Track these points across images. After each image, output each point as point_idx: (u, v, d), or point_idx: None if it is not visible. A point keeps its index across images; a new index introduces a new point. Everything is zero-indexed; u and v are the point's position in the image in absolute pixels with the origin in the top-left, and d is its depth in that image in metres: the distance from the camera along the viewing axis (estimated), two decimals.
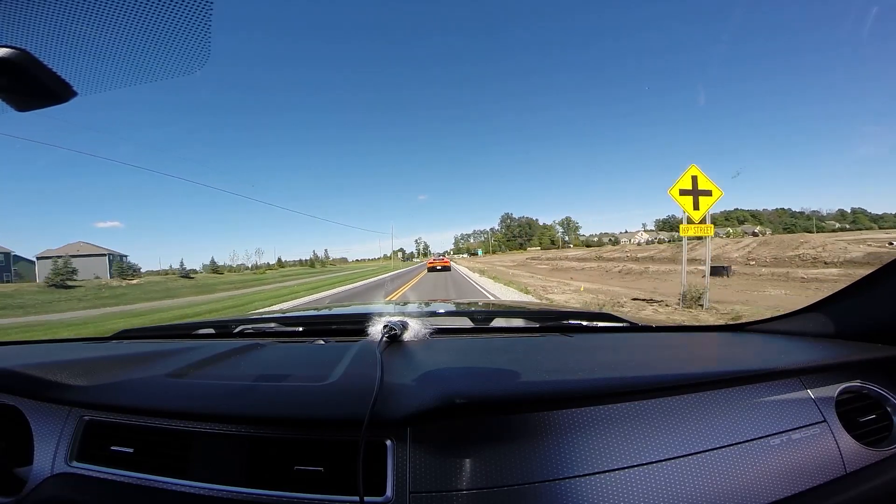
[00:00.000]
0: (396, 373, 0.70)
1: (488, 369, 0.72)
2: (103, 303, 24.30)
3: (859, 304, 0.83)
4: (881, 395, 0.76)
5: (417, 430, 0.61)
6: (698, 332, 1.09)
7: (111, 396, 0.73)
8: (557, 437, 0.60)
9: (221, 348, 0.91)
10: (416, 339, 0.92)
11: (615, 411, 0.63)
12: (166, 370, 0.79)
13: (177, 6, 0.60)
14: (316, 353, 0.93)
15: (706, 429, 0.64)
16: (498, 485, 0.56)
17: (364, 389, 0.62)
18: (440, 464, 0.58)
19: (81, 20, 0.60)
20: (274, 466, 0.62)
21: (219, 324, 1.34)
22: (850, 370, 0.77)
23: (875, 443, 0.71)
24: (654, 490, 0.57)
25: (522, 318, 1.44)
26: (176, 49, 0.65)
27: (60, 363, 0.80)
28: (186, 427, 0.68)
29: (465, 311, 1.58)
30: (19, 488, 0.72)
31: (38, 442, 0.75)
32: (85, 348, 1.09)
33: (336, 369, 0.72)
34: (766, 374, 0.71)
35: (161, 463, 0.67)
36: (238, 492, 0.61)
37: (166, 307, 17.81)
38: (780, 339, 0.93)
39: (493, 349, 0.91)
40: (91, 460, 0.71)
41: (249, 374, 0.77)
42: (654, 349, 0.89)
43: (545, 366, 0.73)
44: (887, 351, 0.77)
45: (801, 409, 0.70)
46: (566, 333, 1.05)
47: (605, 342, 0.99)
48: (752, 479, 0.60)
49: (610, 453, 0.59)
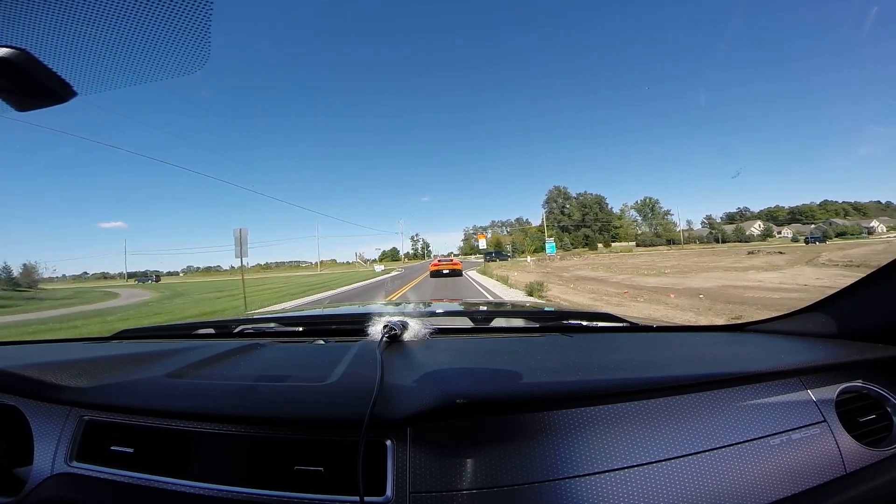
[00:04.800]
0: (396, 373, 0.70)
1: (488, 369, 0.72)
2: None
3: (859, 303, 0.83)
4: (881, 396, 0.76)
5: (418, 431, 0.61)
6: (698, 332, 1.09)
7: (111, 396, 0.73)
8: (557, 437, 0.60)
9: (221, 348, 0.91)
10: (416, 339, 0.92)
11: (615, 411, 0.63)
12: (166, 370, 0.79)
13: (177, 6, 0.60)
14: (316, 353, 0.93)
15: (706, 429, 0.64)
16: (498, 485, 0.56)
17: (364, 389, 0.62)
18: (440, 464, 0.58)
19: (81, 20, 0.60)
20: (274, 466, 0.62)
21: (219, 324, 1.34)
22: (850, 370, 0.77)
23: (875, 443, 0.71)
24: (654, 490, 0.57)
25: (522, 318, 1.44)
26: (176, 49, 0.65)
27: (60, 363, 0.80)
28: (186, 427, 0.68)
29: (465, 311, 1.58)
30: (19, 488, 0.72)
31: (38, 442, 0.75)
32: (85, 348, 1.09)
33: (336, 369, 0.72)
34: (766, 374, 0.71)
35: (161, 463, 0.67)
36: (238, 492, 0.61)
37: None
38: (780, 339, 0.93)
39: (494, 349, 0.91)
40: (91, 460, 0.71)
41: (249, 375, 0.77)
42: (654, 349, 0.89)
43: (545, 366, 0.73)
44: (887, 351, 0.77)
45: (801, 409, 0.70)
46: (566, 333, 1.05)
47: (606, 342, 0.98)
48: (752, 479, 0.60)
49: (610, 453, 0.59)
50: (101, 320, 11.15)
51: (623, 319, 1.18)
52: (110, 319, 11.42)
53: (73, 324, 10.27)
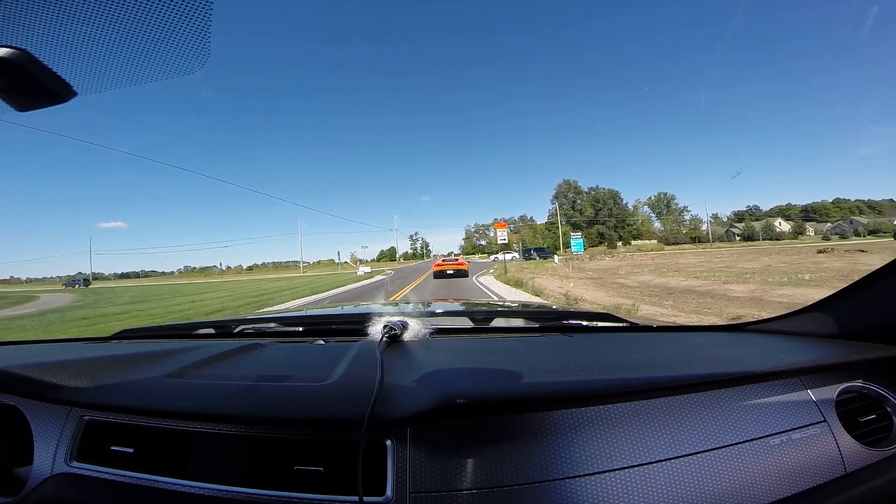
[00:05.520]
0: (396, 373, 0.70)
1: (488, 369, 0.72)
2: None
3: (859, 303, 0.83)
4: (881, 396, 0.76)
5: (417, 431, 0.61)
6: (698, 332, 1.09)
7: (111, 396, 0.73)
8: (557, 437, 0.60)
9: (221, 348, 0.91)
10: (416, 339, 0.92)
11: (615, 411, 0.63)
12: (166, 370, 0.79)
13: (177, 6, 0.60)
14: (316, 354, 0.93)
15: (706, 429, 0.64)
16: (498, 485, 0.56)
17: (364, 389, 0.62)
18: (440, 464, 0.58)
19: (81, 20, 0.60)
20: (274, 466, 0.62)
21: (219, 324, 1.34)
22: (850, 370, 0.77)
23: (875, 443, 0.71)
24: (654, 490, 0.57)
25: (522, 319, 1.44)
26: (176, 49, 0.65)
27: (60, 363, 0.80)
28: (186, 427, 0.68)
29: (465, 311, 1.58)
30: (19, 488, 0.72)
31: (38, 442, 0.75)
32: (85, 348, 1.09)
33: (336, 369, 0.72)
34: (766, 374, 0.71)
35: (161, 463, 0.67)
36: (238, 492, 0.61)
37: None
38: (780, 339, 0.93)
39: (494, 349, 0.91)
40: (91, 460, 0.71)
41: (249, 375, 0.77)
42: (654, 349, 0.89)
43: (545, 366, 0.73)
44: (887, 351, 0.77)
45: (802, 409, 0.70)
46: (566, 333, 1.05)
47: (606, 342, 0.98)
48: (752, 479, 0.60)
49: (610, 453, 0.59)
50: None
51: (623, 319, 1.18)
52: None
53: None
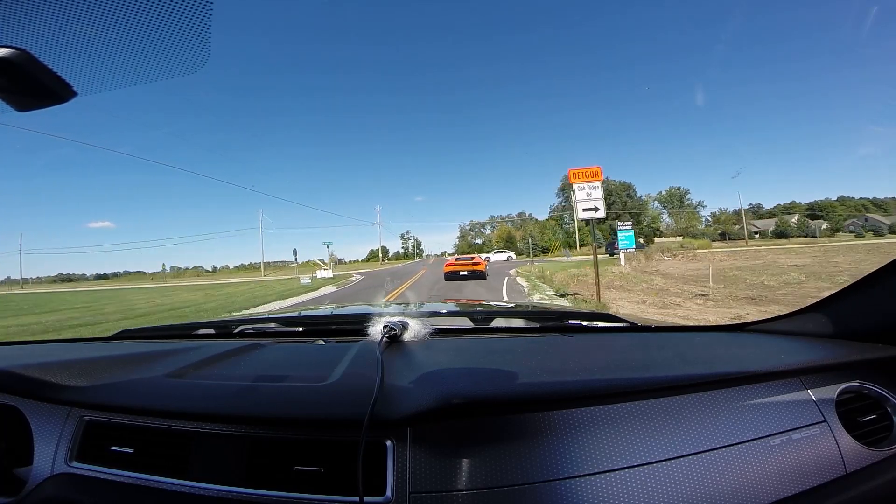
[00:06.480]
0: (396, 373, 0.70)
1: (488, 370, 0.72)
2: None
3: (859, 303, 0.83)
4: (881, 396, 0.76)
5: (417, 431, 0.61)
6: (698, 333, 1.09)
7: (111, 396, 0.73)
8: (557, 437, 0.60)
9: (221, 348, 0.91)
10: (416, 340, 0.92)
11: (615, 411, 0.63)
12: (166, 370, 0.79)
13: (177, 6, 0.60)
14: (316, 354, 0.93)
15: (706, 429, 0.64)
16: (498, 485, 0.56)
17: (364, 390, 0.62)
18: (440, 464, 0.58)
19: (81, 20, 0.60)
20: (274, 467, 0.62)
21: (219, 324, 1.34)
22: (850, 370, 0.77)
23: (875, 443, 0.71)
24: (654, 490, 0.57)
25: (522, 319, 1.44)
26: (176, 49, 0.65)
27: (60, 363, 0.80)
28: (186, 427, 0.68)
29: (465, 312, 1.58)
30: (19, 488, 0.72)
31: (38, 442, 0.75)
32: (85, 348, 1.09)
33: (336, 369, 0.72)
34: (766, 374, 0.71)
35: (161, 463, 0.67)
36: (238, 492, 0.61)
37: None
38: (780, 339, 0.93)
39: (494, 349, 0.91)
40: (91, 460, 0.71)
41: (249, 375, 0.77)
42: (654, 349, 0.89)
43: (545, 366, 0.73)
44: (887, 351, 0.77)
45: (802, 409, 0.70)
46: (566, 333, 1.05)
47: (606, 342, 0.98)
48: (752, 479, 0.60)
49: (610, 453, 0.59)
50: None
51: (623, 319, 1.18)
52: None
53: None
